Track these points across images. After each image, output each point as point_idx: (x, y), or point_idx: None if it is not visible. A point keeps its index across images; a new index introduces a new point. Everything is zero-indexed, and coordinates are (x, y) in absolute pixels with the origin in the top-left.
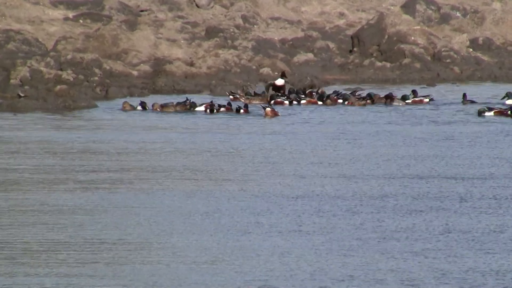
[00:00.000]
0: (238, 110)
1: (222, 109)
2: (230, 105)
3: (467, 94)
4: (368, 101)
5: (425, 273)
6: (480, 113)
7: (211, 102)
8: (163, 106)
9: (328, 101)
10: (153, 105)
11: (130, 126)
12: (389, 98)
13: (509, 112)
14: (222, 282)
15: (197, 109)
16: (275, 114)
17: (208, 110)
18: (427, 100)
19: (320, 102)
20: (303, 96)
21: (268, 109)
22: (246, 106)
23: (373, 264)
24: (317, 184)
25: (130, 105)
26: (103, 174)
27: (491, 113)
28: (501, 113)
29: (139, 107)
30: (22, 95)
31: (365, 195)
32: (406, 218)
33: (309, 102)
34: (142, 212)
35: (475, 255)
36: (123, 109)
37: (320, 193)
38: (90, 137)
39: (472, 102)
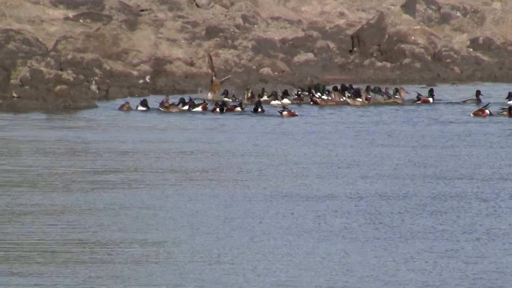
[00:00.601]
0: (256, 110)
1: (237, 108)
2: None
3: (480, 91)
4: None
5: (446, 274)
6: None
7: (204, 101)
8: (167, 106)
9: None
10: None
11: (138, 126)
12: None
13: (487, 112)
14: (242, 283)
15: (194, 109)
16: (292, 114)
17: (218, 110)
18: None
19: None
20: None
21: (285, 112)
22: (260, 104)
23: (394, 265)
24: (336, 185)
25: (129, 106)
26: (120, 174)
27: (470, 114)
28: (480, 113)
29: (140, 107)
30: (15, 96)
31: (384, 196)
32: (427, 219)
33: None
34: (161, 212)
35: (496, 255)
36: (122, 109)
37: (339, 194)
38: (94, 137)
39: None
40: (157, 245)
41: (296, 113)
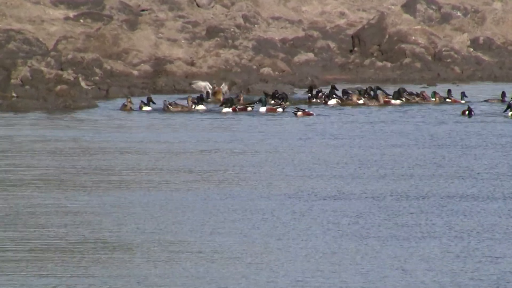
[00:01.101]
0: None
1: (249, 108)
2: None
3: (505, 92)
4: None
5: (463, 274)
6: None
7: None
8: (171, 105)
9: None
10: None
11: (147, 126)
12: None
13: (467, 112)
14: (261, 283)
15: (198, 108)
16: (307, 114)
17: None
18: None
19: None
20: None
21: (299, 112)
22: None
23: (410, 265)
24: (352, 184)
25: (130, 106)
26: (135, 174)
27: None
28: (463, 113)
29: (145, 108)
30: (14, 95)
31: (400, 196)
32: (443, 219)
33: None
34: (179, 212)
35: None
36: (124, 110)
37: (355, 193)
38: (98, 137)
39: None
40: (175, 245)
41: (312, 112)
